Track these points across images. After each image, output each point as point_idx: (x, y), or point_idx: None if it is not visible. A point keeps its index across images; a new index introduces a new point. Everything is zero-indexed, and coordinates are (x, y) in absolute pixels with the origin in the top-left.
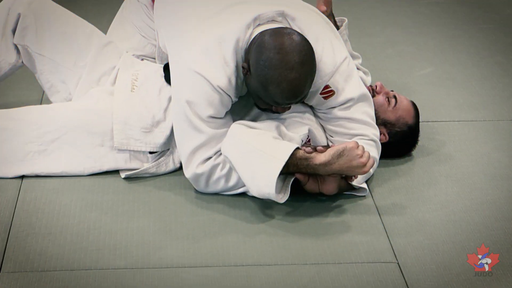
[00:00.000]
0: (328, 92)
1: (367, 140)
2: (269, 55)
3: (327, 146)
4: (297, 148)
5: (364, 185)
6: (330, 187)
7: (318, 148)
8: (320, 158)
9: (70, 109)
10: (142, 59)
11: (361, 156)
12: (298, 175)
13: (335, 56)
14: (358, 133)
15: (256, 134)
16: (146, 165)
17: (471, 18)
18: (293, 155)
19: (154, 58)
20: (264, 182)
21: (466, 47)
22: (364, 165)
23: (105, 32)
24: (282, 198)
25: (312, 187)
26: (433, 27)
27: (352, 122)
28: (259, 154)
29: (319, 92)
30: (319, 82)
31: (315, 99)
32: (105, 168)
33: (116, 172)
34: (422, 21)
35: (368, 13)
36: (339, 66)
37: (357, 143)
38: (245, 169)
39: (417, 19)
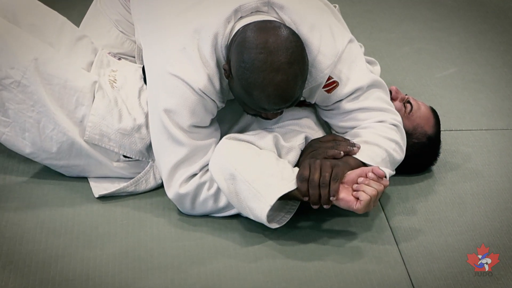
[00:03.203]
0: (330, 84)
1: (388, 124)
2: (251, 56)
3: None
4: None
5: (388, 171)
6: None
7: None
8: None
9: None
10: (120, 58)
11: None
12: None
13: (336, 44)
14: (374, 120)
15: (248, 156)
16: (116, 164)
17: (501, 10)
18: (289, 192)
19: (134, 57)
20: (253, 216)
21: (495, 44)
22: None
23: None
24: (285, 216)
25: None
26: (456, 21)
27: (365, 111)
28: (247, 187)
29: (322, 86)
30: (320, 76)
31: (318, 95)
32: (69, 134)
33: (88, 190)
34: (444, 14)
35: (381, 4)
36: (341, 54)
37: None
38: (233, 197)
39: (438, 12)
